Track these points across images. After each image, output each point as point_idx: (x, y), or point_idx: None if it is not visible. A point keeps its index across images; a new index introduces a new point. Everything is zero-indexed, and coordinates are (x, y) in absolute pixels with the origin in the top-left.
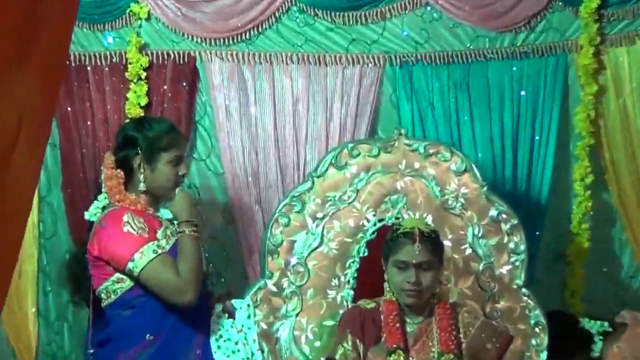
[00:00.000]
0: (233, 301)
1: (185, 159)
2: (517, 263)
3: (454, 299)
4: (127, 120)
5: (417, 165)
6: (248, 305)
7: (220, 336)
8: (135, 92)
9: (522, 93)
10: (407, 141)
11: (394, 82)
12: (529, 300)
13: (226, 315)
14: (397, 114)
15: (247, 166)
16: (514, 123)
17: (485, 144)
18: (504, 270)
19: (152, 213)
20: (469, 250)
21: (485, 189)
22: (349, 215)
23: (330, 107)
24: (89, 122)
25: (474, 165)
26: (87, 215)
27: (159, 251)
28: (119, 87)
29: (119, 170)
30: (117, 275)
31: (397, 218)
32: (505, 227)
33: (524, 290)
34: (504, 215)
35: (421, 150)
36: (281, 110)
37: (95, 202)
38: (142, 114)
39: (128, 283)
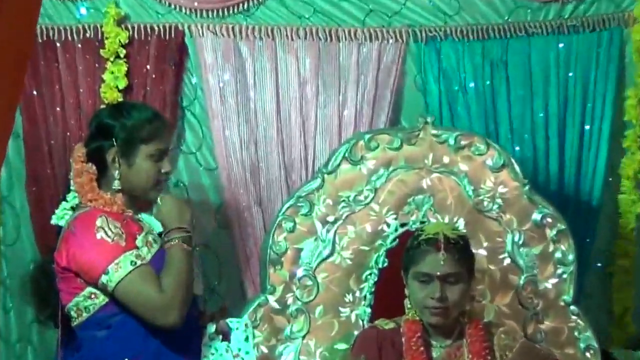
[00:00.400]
0: (228, 320)
1: (169, 154)
2: (565, 276)
3: (490, 318)
4: (102, 106)
5: (446, 159)
6: (246, 325)
7: None
8: (112, 72)
9: (570, 74)
10: (434, 131)
11: (418, 61)
12: (579, 320)
13: (220, 337)
14: (422, 98)
15: (245, 161)
16: (561, 110)
17: (526, 135)
18: (549, 284)
19: (130, 215)
20: (507, 261)
21: (527, 187)
22: (366, 219)
23: (344, 91)
24: (57, 108)
25: (513, 160)
26: (54, 219)
27: (138, 262)
28: (94, 67)
29: (90, 165)
30: (89, 289)
31: (422, 222)
32: (550, 233)
33: (572, 307)
34: (549, 219)
35: (451, 141)
36: (285, 95)
37: (63, 202)
38: (121, 99)
39: (102, 299)
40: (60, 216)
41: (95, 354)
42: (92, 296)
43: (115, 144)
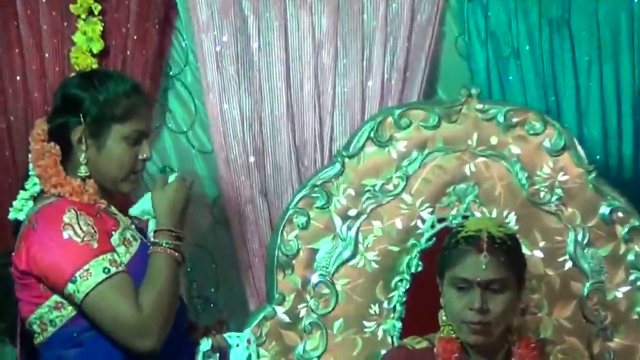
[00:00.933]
0: (226, 335)
1: (148, 138)
2: (639, 283)
3: (547, 335)
4: (71, 75)
5: (494, 140)
6: (248, 342)
7: None
8: (84, 33)
9: None
10: (480, 105)
11: (461, 21)
12: None
13: (217, 355)
14: (465, 65)
15: (247, 141)
16: (636, 80)
17: (593, 111)
18: (620, 293)
19: (104, 208)
20: (569, 264)
21: (593, 175)
22: (396, 213)
23: (369, 57)
24: (18, 77)
25: (576, 141)
26: (11, 213)
27: (113, 269)
28: (62, 26)
29: (53, 144)
30: (55, 298)
31: (464, 217)
32: (621, 230)
33: None
34: (620, 214)
35: (500, 118)
36: (297, 61)
37: (22, 192)
38: (95, 65)
39: (71, 310)
40: (19, 208)
41: None
42: (59, 306)
43: (82, 121)
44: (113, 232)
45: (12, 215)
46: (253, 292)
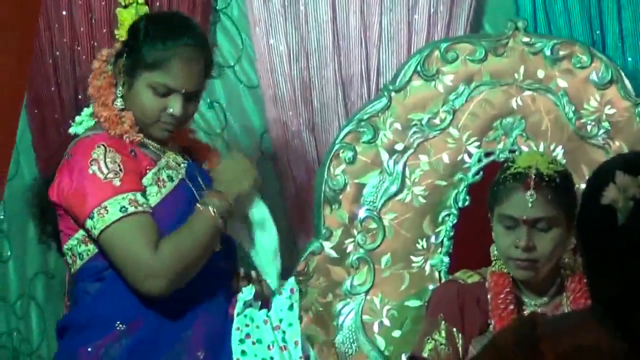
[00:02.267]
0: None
1: (183, 95)
2: None
3: None
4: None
5: (541, 74)
6: (291, 291)
7: (247, 335)
8: None
9: None
10: (526, 39)
11: None
12: None
13: (258, 303)
14: None
15: (294, 76)
16: None
17: (638, 45)
18: None
19: (141, 144)
20: None
21: None
22: (443, 148)
23: None
24: (64, 12)
25: (623, 74)
26: (72, 127)
27: (131, 209)
28: None
29: (110, 67)
30: (82, 232)
31: (511, 151)
32: None
33: None
34: None
35: (547, 52)
36: None
37: (85, 109)
38: (141, 0)
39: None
40: (79, 122)
41: (86, 312)
42: (86, 240)
43: (125, 55)
44: (148, 171)
45: (71, 129)
46: (300, 228)
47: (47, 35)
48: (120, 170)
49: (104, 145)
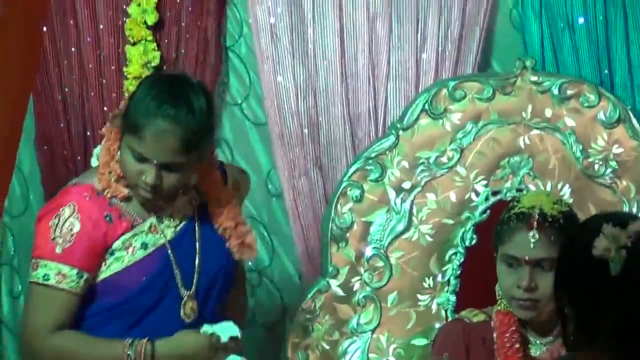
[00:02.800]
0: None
1: (155, 166)
2: None
3: None
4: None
5: (549, 113)
6: None
7: None
8: (139, 4)
9: None
10: (534, 78)
11: None
12: None
13: None
14: (520, 38)
15: (301, 113)
16: None
17: None
18: None
19: (123, 208)
20: None
21: None
22: (450, 186)
23: (423, 28)
24: (73, 49)
25: (631, 114)
26: (93, 160)
27: (52, 281)
28: None
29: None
30: None
31: (519, 190)
32: None
33: None
34: None
35: (555, 91)
36: (351, 32)
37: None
38: (149, 37)
39: None
40: (96, 154)
41: None
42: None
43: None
44: (121, 235)
45: (94, 162)
46: (307, 265)
47: (56, 72)
48: (69, 241)
49: (74, 206)
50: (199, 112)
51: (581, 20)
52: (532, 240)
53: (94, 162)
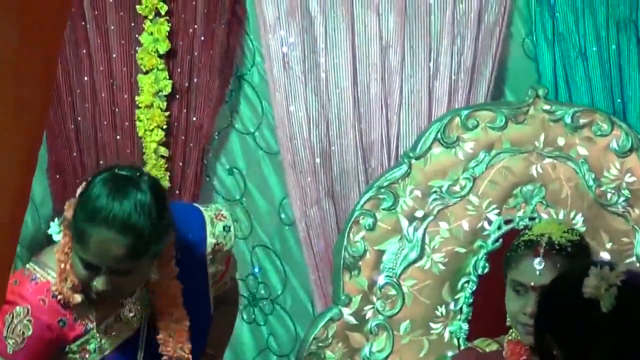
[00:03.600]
0: None
1: (104, 272)
2: None
3: None
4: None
5: (561, 141)
6: None
7: None
8: (151, 33)
9: None
10: (547, 107)
11: (528, 21)
12: None
13: None
14: (533, 66)
15: (313, 143)
16: None
17: None
18: None
19: (77, 312)
20: (637, 265)
21: None
22: (463, 215)
23: (436, 58)
24: (85, 78)
25: None
26: (52, 229)
27: None
28: (129, 27)
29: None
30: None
31: (532, 219)
32: None
33: None
34: None
35: (568, 119)
36: (364, 61)
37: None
38: (161, 66)
39: None
40: (57, 231)
41: None
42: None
43: None
44: (75, 339)
45: (50, 231)
46: (320, 293)
47: (69, 101)
48: (20, 344)
49: (28, 310)
50: (147, 216)
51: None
52: (538, 267)
53: (53, 231)
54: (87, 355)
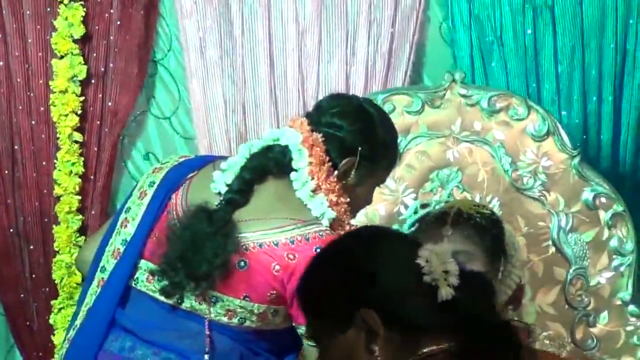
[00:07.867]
0: None
1: None
2: (622, 269)
3: (530, 320)
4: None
5: (478, 126)
6: None
7: None
8: (66, 18)
9: (631, 21)
10: (463, 91)
11: (445, 6)
12: (639, 323)
13: None
14: (449, 51)
15: (229, 128)
16: (618, 66)
17: (575, 97)
18: (603, 278)
19: None
20: (552, 250)
21: (576, 160)
22: (379, 199)
23: (352, 43)
24: (1, 63)
25: (560, 126)
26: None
27: None
28: (44, 12)
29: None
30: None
31: (447, 202)
32: (605, 216)
33: (631, 307)
34: (603, 199)
35: (484, 104)
36: (280, 47)
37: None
38: (76, 51)
39: None
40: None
41: None
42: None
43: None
44: None
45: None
46: None
47: None
48: None
49: None
50: None
51: None
52: (446, 233)
53: None
54: None
